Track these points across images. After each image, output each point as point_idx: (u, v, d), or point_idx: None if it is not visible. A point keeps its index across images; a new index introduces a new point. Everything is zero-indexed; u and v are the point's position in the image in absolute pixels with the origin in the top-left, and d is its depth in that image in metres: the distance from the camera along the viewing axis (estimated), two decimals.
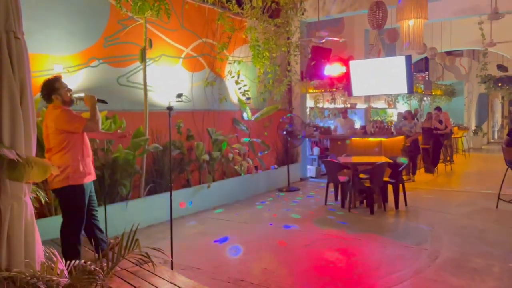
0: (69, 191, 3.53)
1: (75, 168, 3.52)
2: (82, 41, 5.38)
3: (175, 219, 5.79)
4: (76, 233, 3.62)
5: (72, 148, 3.52)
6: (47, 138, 3.54)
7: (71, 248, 3.56)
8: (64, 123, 3.47)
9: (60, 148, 3.49)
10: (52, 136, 3.49)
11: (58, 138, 3.48)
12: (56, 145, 3.49)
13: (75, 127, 3.51)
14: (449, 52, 14.56)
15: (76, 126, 3.51)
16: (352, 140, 9.09)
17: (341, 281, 3.87)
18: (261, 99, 8.50)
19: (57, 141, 3.48)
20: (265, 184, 8.34)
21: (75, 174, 3.52)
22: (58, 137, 3.48)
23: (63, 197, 3.62)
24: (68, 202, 3.60)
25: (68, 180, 3.50)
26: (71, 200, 3.58)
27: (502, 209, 6.35)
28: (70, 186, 3.52)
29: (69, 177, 3.50)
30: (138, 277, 3.29)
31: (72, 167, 3.51)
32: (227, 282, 3.86)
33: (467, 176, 10.09)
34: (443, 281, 3.82)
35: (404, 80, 8.88)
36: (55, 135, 3.48)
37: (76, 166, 3.53)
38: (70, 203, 3.60)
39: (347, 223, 5.91)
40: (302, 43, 9.14)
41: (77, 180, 3.54)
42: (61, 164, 3.47)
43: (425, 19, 6.61)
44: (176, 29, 6.69)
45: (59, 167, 3.43)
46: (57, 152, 3.50)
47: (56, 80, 3.54)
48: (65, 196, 3.59)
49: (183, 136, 6.68)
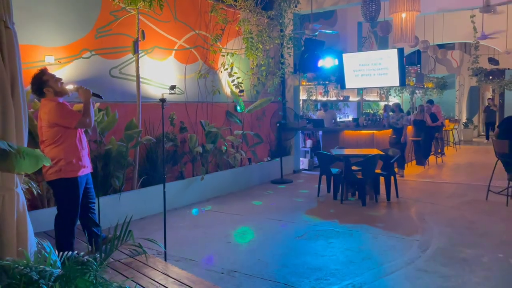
0: (62, 184, 3.52)
1: (68, 161, 3.49)
2: (73, 32, 5.33)
3: (168, 211, 5.80)
4: (69, 225, 3.60)
5: (65, 141, 3.49)
6: (40, 130, 3.52)
7: (64, 240, 3.57)
8: (58, 117, 3.43)
9: (53, 141, 3.47)
10: (45, 129, 3.47)
11: (51, 131, 3.45)
12: (49, 137, 3.46)
13: (69, 122, 3.47)
14: (441, 45, 14.63)
15: (69, 121, 3.47)
16: (344, 132, 9.13)
17: (333, 271, 3.91)
18: (254, 92, 8.49)
19: (50, 134, 3.45)
20: (258, 176, 8.37)
21: (67, 167, 3.49)
22: (51, 130, 3.45)
23: (56, 190, 3.61)
24: (61, 195, 3.59)
25: (60, 173, 3.48)
26: (64, 193, 3.57)
27: (492, 201, 6.43)
28: (63, 179, 3.50)
29: (61, 170, 3.48)
30: (131, 268, 3.30)
31: (65, 160, 3.48)
32: (221, 273, 3.89)
33: (458, 168, 10.20)
34: (434, 271, 3.88)
35: (396, 73, 8.91)
36: (48, 128, 3.45)
37: (69, 159, 3.50)
38: (63, 196, 3.58)
39: (339, 214, 5.96)
40: (295, 35, 9.13)
41: (70, 173, 3.52)
42: (54, 157, 3.44)
43: (418, 12, 6.63)
44: (169, 20, 6.65)
45: (52, 159, 3.40)
46: (50, 144, 3.47)
47: (42, 73, 3.49)
48: (58, 189, 3.58)
49: (176, 128, 6.67)
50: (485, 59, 14.27)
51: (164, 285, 3.02)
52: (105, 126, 5.31)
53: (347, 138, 9.04)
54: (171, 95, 6.46)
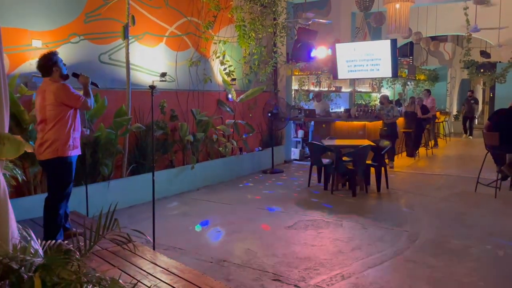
0: (57, 163, 3.63)
1: (65, 141, 3.64)
2: (62, 16, 5.21)
3: (158, 200, 5.77)
4: (59, 207, 3.68)
5: (66, 121, 3.65)
6: (43, 110, 3.62)
7: (52, 222, 3.63)
8: (65, 97, 3.60)
9: (55, 121, 3.59)
10: (50, 108, 3.59)
11: (55, 110, 3.59)
12: (51, 117, 3.59)
13: (74, 102, 3.66)
14: (434, 37, 14.61)
15: (75, 101, 3.67)
16: (336, 123, 9.11)
17: (322, 261, 3.91)
18: (246, 81, 8.41)
19: (54, 113, 3.59)
20: (249, 166, 8.34)
21: (64, 147, 3.63)
22: (55, 109, 3.59)
23: (52, 169, 3.69)
24: (57, 173, 3.69)
25: (57, 151, 3.61)
26: (58, 173, 3.68)
27: (481, 193, 6.49)
28: (59, 158, 3.62)
29: (58, 149, 3.61)
30: (119, 257, 3.26)
31: (63, 140, 3.62)
32: (210, 262, 3.87)
33: (448, 160, 10.26)
34: (422, 262, 3.90)
35: (388, 64, 8.89)
36: (53, 107, 3.58)
37: (66, 139, 3.65)
38: (58, 175, 3.69)
39: (329, 205, 5.97)
40: (288, 24, 9.04)
41: (65, 152, 3.65)
42: (53, 136, 3.59)
43: (412, 3, 6.59)
44: (160, 6, 6.52)
45: (51, 138, 3.57)
46: (50, 123, 3.60)
47: (54, 54, 3.69)
48: (53, 167, 3.67)
49: (167, 117, 6.59)
50: (477, 52, 14.31)
51: (152, 274, 2.99)
52: (93, 113, 5.22)
53: (339, 128, 9.03)
54: (162, 83, 6.39)
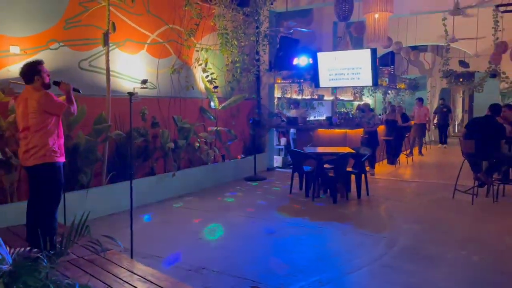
0: (45, 168, 3.62)
1: (52, 147, 3.64)
2: (41, 22, 5.17)
3: (139, 208, 5.72)
4: (53, 213, 3.66)
5: (50, 129, 3.63)
6: (26, 117, 3.63)
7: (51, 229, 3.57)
8: (48, 105, 3.61)
9: (38, 128, 3.58)
10: (33, 116, 3.58)
11: (38, 118, 3.57)
12: (34, 124, 3.59)
13: (58, 110, 3.68)
14: (414, 47, 14.92)
15: (58, 109, 3.68)
16: (318, 130, 9.20)
17: (301, 268, 3.93)
18: (229, 88, 8.44)
19: (37, 121, 3.57)
20: (232, 173, 8.34)
21: (52, 152, 3.64)
22: (39, 117, 3.57)
23: (40, 175, 3.65)
24: (45, 180, 3.65)
25: (45, 157, 3.60)
26: (48, 178, 3.65)
27: (458, 199, 6.61)
28: (47, 163, 3.61)
29: (45, 155, 3.60)
30: (95, 265, 3.23)
31: (50, 145, 3.63)
32: (188, 270, 3.85)
33: (427, 168, 10.44)
34: (399, 268, 3.95)
35: (369, 73, 9.03)
36: (37, 115, 3.59)
37: (53, 145, 3.66)
38: (47, 181, 3.65)
39: (310, 211, 6.00)
40: (270, 33, 9.13)
41: (54, 158, 3.65)
42: (39, 143, 3.57)
43: (391, 13, 6.74)
44: (142, 13, 6.53)
45: (36, 145, 3.56)
46: (34, 131, 3.59)
47: (38, 62, 3.73)
48: (41, 174, 3.63)
49: (148, 124, 6.56)
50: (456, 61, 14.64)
51: (129, 282, 2.97)
52: (72, 120, 5.16)
53: (321, 136, 9.12)
54: (143, 90, 6.38)
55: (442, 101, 14.74)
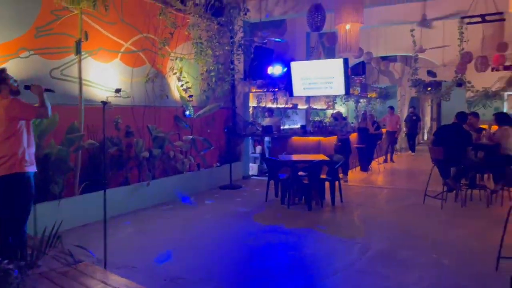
0: (15, 179, 3.48)
1: (21, 157, 3.51)
2: (10, 30, 5.05)
3: (113, 218, 5.63)
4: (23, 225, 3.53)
5: (19, 137, 3.54)
6: None
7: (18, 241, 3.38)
8: (17, 111, 3.51)
9: (6, 136, 3.48)
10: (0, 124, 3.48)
11: (6, 126, 3.47)
12: (3, 133, 3.48)
13: (29, 113, 3.59)
14: (384, 57, 15.33)
15: (30, 112, 3.59)
16: (293, 138, 9.31)
17: (278, 274, 3.96)
18: (204, 97, 8.44)
19: (4, 129, 3.49)
20: (207, 182, 8.31)
21: (21, 163, 3.51)
22: (7, 125, 3.47)
23: (9, 186, 3.49)
24: (14, 191, 3.50)
25: (14, 167, 3.47)
26: (18, 189, 3.51)
27: (428, 204, 6.80)
28: (17, 173, 3.48)
29: (15, 165, 3.47)
30: (67, 278, 3.15)
31: (18, 155, 3.50)
32: (164, 280, 3.81)
33: (398, 174, 10.71)
34: (373, 272, 4.04)
35: (341, 82, 9.23)
36: (4, 123, 3.48)
37: (23, 154, 3.54)
38: (17, 193, 3.50)
39: (286, 218, 6.05)
40: (245, 42, 9.22)
41: (22, 168, 3.51)
42: (7, 152, 3.46)
43: (361, 24, 6.93)
44: (115, 22, 6.48)
45: (5, 155, 3.45)
46: (3, 140, 3.48)
47: (3, 70, 3.63)
48: (10, 185, 3.48)
49: (122, 133, 6.49)
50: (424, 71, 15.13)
51: None
52: (44, 129, 5.07)
53: (296, 144, 9.23)
54: (117, 99, 6.31)
55: (412, 109, 14.94)
